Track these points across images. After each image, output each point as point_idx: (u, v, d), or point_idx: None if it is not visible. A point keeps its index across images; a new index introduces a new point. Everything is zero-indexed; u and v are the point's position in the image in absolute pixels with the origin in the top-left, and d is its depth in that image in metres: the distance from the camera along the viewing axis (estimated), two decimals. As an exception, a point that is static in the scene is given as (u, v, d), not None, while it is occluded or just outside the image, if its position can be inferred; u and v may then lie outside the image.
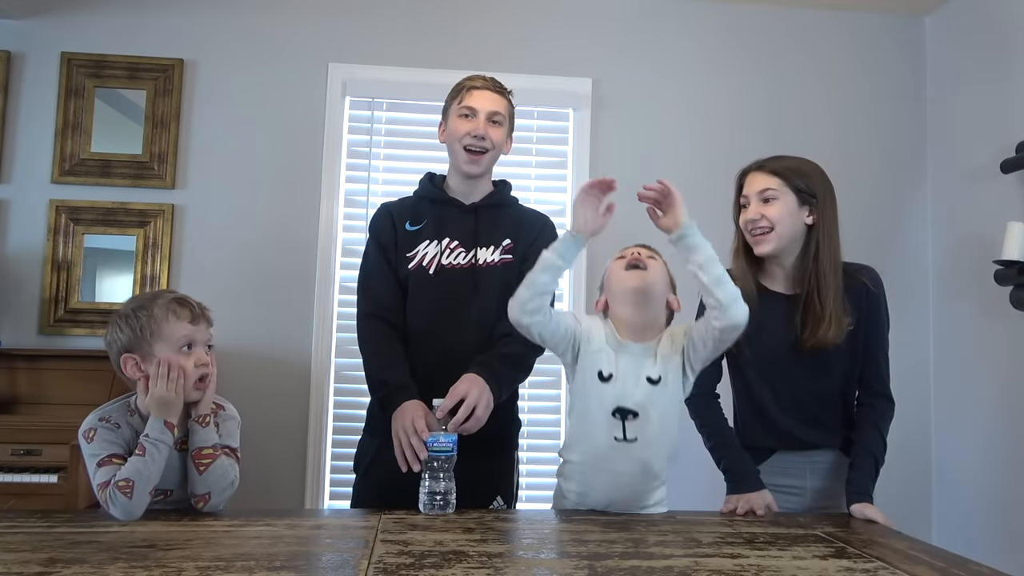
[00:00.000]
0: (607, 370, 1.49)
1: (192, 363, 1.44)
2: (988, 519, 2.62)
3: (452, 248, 1.74)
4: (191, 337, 1.45)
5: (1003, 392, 2.57)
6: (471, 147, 1.74)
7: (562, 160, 2.95)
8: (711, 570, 1.13)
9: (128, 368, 1.44)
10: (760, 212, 1.69)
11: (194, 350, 1.46)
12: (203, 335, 1.49)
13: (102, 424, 1.43)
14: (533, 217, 1.85)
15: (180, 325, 1.45)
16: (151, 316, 1.43)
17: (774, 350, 1.70)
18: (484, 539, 1.29)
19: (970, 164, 2.79)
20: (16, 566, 1.07)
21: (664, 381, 1.49)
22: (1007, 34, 2.64)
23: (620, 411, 1.47)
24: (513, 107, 1.84)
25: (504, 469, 1.79)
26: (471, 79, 1.81)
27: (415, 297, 1.73)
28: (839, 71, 3.05)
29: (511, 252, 1.76)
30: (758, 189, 1.71)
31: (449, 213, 1.78)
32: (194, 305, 1.49)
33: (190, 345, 1.45)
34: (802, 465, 1.72)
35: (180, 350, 1.44)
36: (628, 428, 1.46)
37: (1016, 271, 2.42)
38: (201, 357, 1.46)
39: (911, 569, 1.17)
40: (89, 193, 2.79)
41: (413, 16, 2.93)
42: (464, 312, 1.71)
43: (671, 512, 1.55)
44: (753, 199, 1.71)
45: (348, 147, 2.91)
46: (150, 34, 2.86)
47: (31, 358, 2.49)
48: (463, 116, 1.76)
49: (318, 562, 1.15)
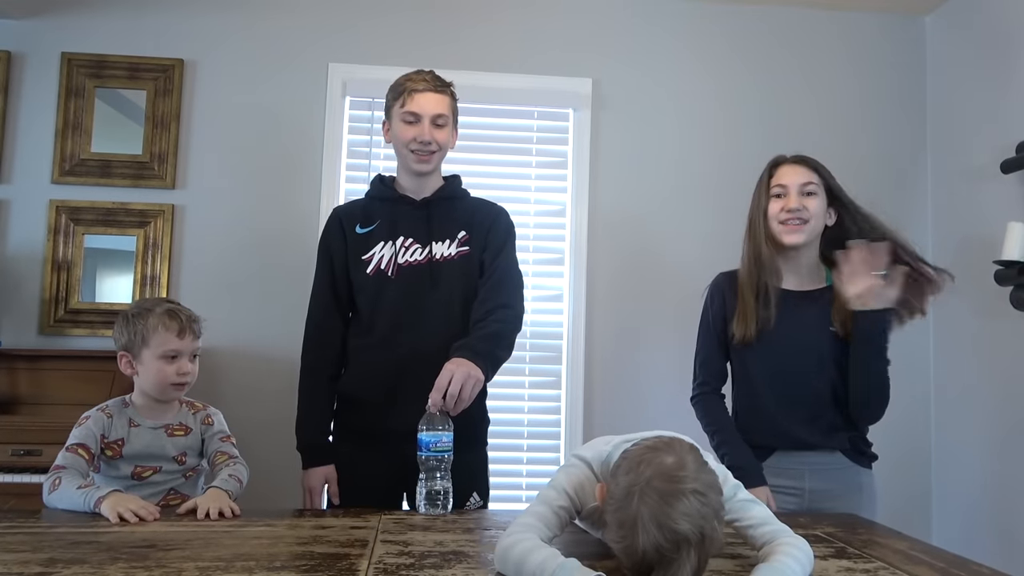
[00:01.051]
0: None
1: (173, 370, 1.62)
2: (988, 519, 2.62)
3: (407, 246, 1.75)
4: (177, 349, 1.62)
5: (1003, 392, 2.57)
6: (418, 151, 1.75)
7: (562, 160, 2.95)
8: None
9: (122, 364, 1.65)
10: (802, 203, 1.72)
11: (178, 360, 1.63)
12: (189, 346, 1.64)
13: (97, 412, 1.63)
14: (486, 208, 1.85)
15: (167, 337, 1.61)
16: (145, 324, 1.62)
17: (783, 347, 1.71)
18: (484, 539, 1.29)
19: (970, 164, 2.79)
20: (16, 566, 1.07)
21: None
22: (1007, 34, 2.64)
23: None
24: (456, 99, 1.83)
25: (478, 465, 1.80)
26: (411, 80, 1.77)
27: (377, 299, 1.75)
28: (839, 71, 3.05)
29: (467, 244, 1.77)
30: (801, 181, 1.73)
31: (401, 211, 1.79)
32: (183, 319, 1.64)
33: (175, 356, 1.62)
34: (800, 466, 1.72)
35: (164, 358, 1.61)
36: None
37: (1016, 271, 2.42)
38: (183, 367, 1.63)
39: (911, 569, 1.17)
40: (89, 193, 2.79)
41: (413, 16, 2.93)
42: (426, 308, 1.73)
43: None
44: (794, 190, 1.73)
45: (348, 147, 2.91)
46: (150, 34, 2.85)
47: (31, 358, 2.48)
48: (408, 122, 1.75)
49: (318, 562, 1.15)
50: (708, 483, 1.01)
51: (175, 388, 1.64)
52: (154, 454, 1.63)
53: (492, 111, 2.92)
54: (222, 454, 1.66)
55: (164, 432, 1.65)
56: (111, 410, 1.64)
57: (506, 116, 2.95)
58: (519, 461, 2.81)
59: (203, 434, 1.70)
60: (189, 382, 1.65)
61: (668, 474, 0.99)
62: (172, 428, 1.66)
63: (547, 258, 2.89)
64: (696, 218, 2.88)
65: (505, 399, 2.77)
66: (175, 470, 1.65)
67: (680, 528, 0.96)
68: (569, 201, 2.91)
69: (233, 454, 1.67)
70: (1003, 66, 2.65)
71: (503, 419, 2.73)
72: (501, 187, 2.83)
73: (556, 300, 2.89)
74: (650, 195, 2.86)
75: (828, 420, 1.73)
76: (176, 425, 1.67)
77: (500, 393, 1.87)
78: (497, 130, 2.94)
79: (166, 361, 1.61)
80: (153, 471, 1.63)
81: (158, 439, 1.64)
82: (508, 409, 2.80)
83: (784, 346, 1.72)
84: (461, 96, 1.84)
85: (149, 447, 1.62)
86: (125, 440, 1.61)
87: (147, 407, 1.66)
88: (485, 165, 2.88)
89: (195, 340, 1.66)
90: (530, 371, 2.84)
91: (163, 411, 1.67)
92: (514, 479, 2.81)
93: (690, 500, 0.97)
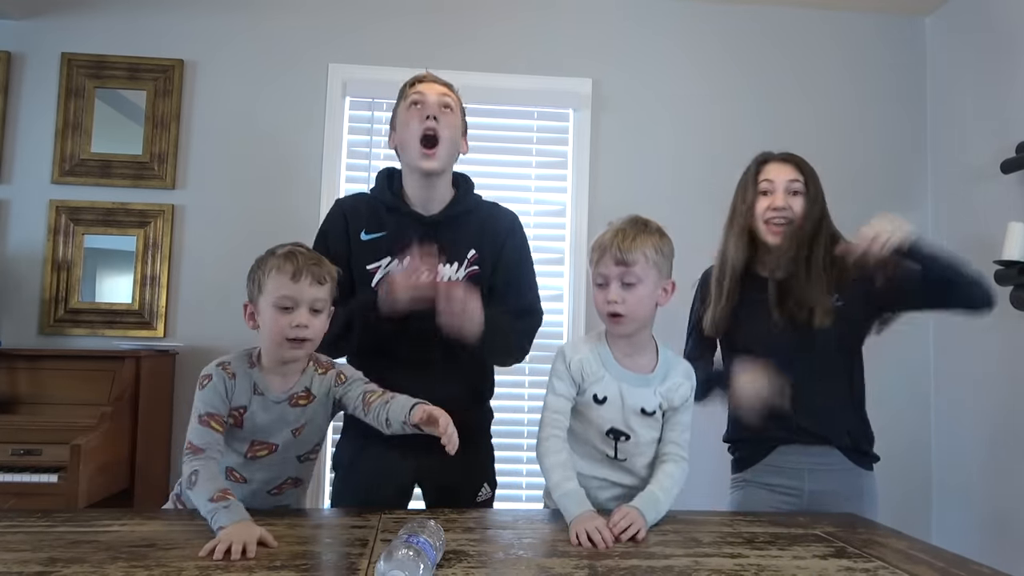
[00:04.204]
0: (601, 394, 1.48)
1: (287, 321, 1.38)
2: (988, 519, 2.62)
3: None
4: (291, 296, 1.39)
5: (1003, 392, 2.57)
6: (426, 131, 1.65)
7: (562, 160, 2.95)
8: (711, 570, 1.13)
9: (246, 316, 1.45)
10: (787, 202, 1.71)
11: (295, 311, 1.39)
12: (307, 294, 1.40)
13: (218, 369, 1.41)
14: (496, 222, 1.76)
15: (281, 281, 1.39)
16: (263, 269, 1.43)
17: (766, 333, 1.71)
18: (484, 539, 1.29)
19: (970, 164, 2.79)
20: (16, 566, 1.07)
21: (657, 416, 1.49)
22: (1007, 34, 2.64)
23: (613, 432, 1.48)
24: (462, 104, 1.77)
25: (486, 457, 1.80)
26: (415, 77, 1.74)
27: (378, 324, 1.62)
28: (839, 72, 3.05)
29: (477, 263, 1.71)
30: (788, 179, 1.73)
31: (408, 227, 1.69)
32: (300, 260, 1.41)
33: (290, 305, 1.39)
34: (800, 465, 1.71)
35: (278, 307, 1.39)
36: (620, 449, 1.48)
37: (1016, 271, 2.42)
38: (299, 318, 1.39)
39: (911, 569, 1.17)
40: (89, 193, 2.79)
41: (413, 17, 2.93)
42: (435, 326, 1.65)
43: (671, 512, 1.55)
44: (780, 187, 1.73)
45: (348, 147, 2.91)
46: (150, 34, 2.86)
47: (31, 358, 2.48)
48: (412, 105, 1.68)
49: (318, 562, 1.15)
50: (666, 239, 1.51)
51: (291, 345, 1.40)
52: (271, 428, 1.43)
53: (492, 111, 2.92)
54: (371, 392, 1.46)
55: (288, 404, 1.44)
56: (234, 367, 1.42)
57: (506, 116, 2.95)
58: (519, 460, 2.81)
59: (338, 394, 1.49)
60: (309, 337, 1.41)
61: None
62: (297, 397, 1.45)
63: (547, 258, 2.89)
64: (695, 218, 2.87)
65: (505, 399, 2.76)
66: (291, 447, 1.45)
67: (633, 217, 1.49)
68: (569, 201, 2.91)
69: (381, 389, 1.47)
70: (1003, 66, 2.65)
71: (503, 418, 2.68)
72: (501, 187, 2.82)
73: (556, 300, 2.88)
74: (650, 195, 2.86)
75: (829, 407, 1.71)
76: (301, 393, 1.45)
77: (500, 393, 1.86)
78: (497, 130, 2.94)
79: (280, 311, 1.39)
80: (269, 450, 1.44)
81: (277, 410, 1.43)
82: (508, 409, 2.80)
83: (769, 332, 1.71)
84: (462, 96, 1.82)
85: (268, 418, 1.42)
86: (247, 408, 1.41)
87: (272, 368, 1.44)
88: (485, 165, 2.88)
89: (317, 287, 1.41)
90: (530, 371, 2.84)
91: (289, 374, 1.45)
92: (514, 478, 2.81)
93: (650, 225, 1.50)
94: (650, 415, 1.49)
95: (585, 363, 1.48)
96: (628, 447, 1.48)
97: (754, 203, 1.75)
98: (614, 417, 1.48)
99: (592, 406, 1.48)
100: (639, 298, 1.45)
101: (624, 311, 1.44)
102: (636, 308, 1.45)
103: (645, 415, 1.48)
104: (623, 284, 1.45)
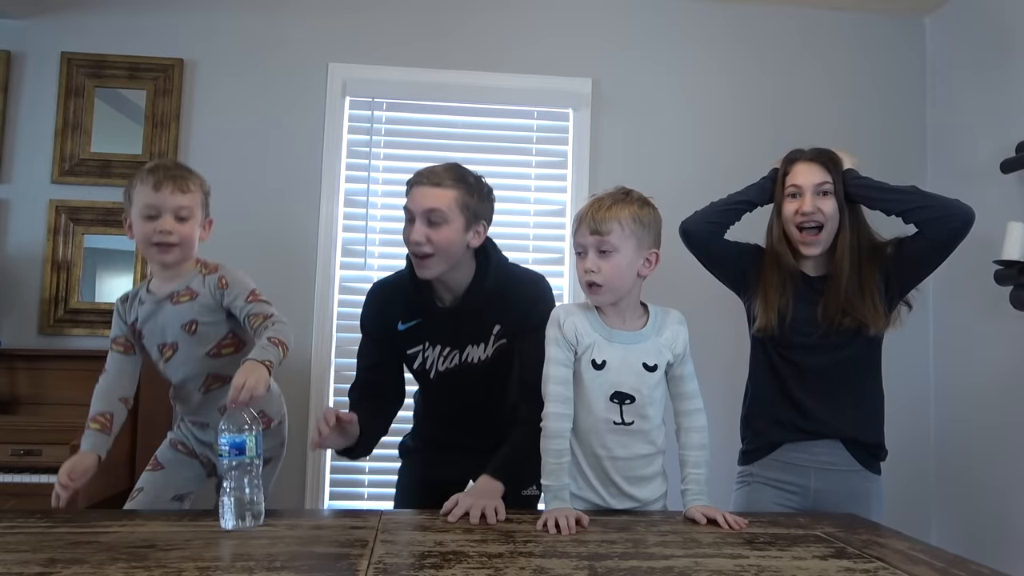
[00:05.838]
0: (600, 358, 1.49)
1: (152, 228, 1.49)
2: (988, 519, 2.61)
3: (445, 355, 1.73)
4: (154, 205, 1.48)
5: (1003, 392, 2.57)
6: (415, 252, 1.63)
7: (562, 160, 2.95)
8: (711, 570, 1.13)
9: (126, 228, 1.56)
10: (816, 205, 1.68)
11: (159, 218, 1.49)
12: (169, 202, 1.49)
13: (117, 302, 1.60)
14: (519, 296, 1.72)
15: (144, 192, 1.49)
16: (132, 184, 1.53)
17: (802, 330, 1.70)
18: (484, 539, 1.29)
19: (970, 164, 2.79)
20: (16, 566, 1.07)
21: (659, 372, 1.51)
22: (1007, 34, 2.64)
23: (617, 396, 1.48)
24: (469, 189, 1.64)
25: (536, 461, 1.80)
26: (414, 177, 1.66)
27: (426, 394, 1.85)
28: (839, 71, 3.05)
29: (504, 336, 1.71)
30: (816, 181, 1.70)
31: (435, 318, 1.72)
32: (161, 172, 1.50)
33: (154, 214, 1.49)
34: (807, 462, 1.71)
35: (144, 217, 1.49)
36: (625, 412, 1.48)
37: (1016, 271, 2.42)
38: (163, 224, 1.49)
39: (911, 569, 1.17)
40: (89, 193, 2.79)
41: (413, 16, 2.93)
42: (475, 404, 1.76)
43: (671, 512, 1.55)
44: (809, 191, 1.70)
45: (348, 147, 2.91)
46: (150, 34, 2.85)
47: (31, 358, 2.48)
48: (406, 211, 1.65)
49: (318, 562, 1.15)
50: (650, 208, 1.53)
51: (158, 250, 1.49)
52: (164, 328, 1.50)
53: (492, 111, 2.92)
54: (255, 316, 1.48)
55: (169, 302, 1.50)
56: (129, 292, 1.57)
57: (506, 116, 2.94)
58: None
59: (222, 300, 1.52)
60: (174, 243, 1.49)
61: None
62: (177, 295, 1.51)
63: (547, 258, 2.89)
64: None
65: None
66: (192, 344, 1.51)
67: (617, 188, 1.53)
68: (569, 201, 2.91)
69: (268, 312, 1.49)
70: (1003, 67, 2.65)
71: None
72: (501, 187, 2.78)
73: (556, 300, 2.88)
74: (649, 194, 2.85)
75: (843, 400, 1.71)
76: (183, 291, 1.51)
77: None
78: (497, 130, 2.94)
79: (145, 219, 1.48)
80: (173, 350, 1.51)
81: (162, 310, 1.50)
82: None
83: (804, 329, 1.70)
84: (462, 96, 1.79)
85: (157, 321, 1.50)
86: (138, 318, 1.51)
87: (157, 274, 1.53)
88: (485, 165, 2.88)
89: (180, 195, 1.49)
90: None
91: (173, 278, 1.52)
92: (514, 479, 2.80)
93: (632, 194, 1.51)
94: (652, 370, 1.49)
95: (579, 324, 1.50)
96: (634, 408, 1.48)
97: (782, 205, 1.74)
98: (616, 379, 1.48)
99: (593, 372, 1.48)
100: (616, 267, 1.45)
101: (601, 280, 1.46)
102: (613, 277, 1.45)
103: (648, 370, 1.48)
104: (599, 252, 1.45)
